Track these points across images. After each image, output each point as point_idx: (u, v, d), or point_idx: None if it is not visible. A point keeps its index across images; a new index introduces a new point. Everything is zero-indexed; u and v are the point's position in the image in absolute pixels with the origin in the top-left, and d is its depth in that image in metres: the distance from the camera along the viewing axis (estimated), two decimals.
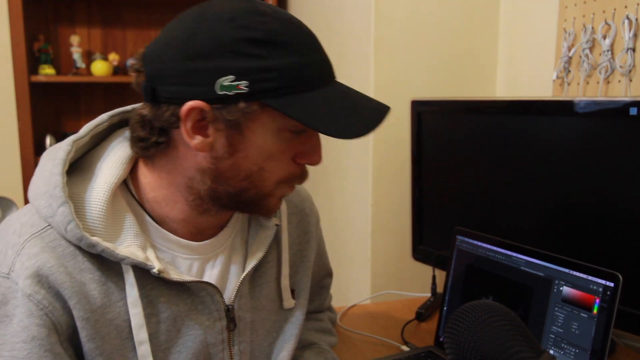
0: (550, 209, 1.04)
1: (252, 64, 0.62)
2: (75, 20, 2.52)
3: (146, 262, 0.68)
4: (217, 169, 0.68)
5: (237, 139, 0.66)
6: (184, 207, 0.72)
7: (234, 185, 0.69)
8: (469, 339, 0.62)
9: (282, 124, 0.66)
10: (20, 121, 2.19)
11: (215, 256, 0.78)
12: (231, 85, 0.62)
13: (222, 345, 0.77)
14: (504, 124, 1.12)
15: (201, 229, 0.76)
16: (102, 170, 0.70)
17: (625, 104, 0.89)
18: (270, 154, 0.68)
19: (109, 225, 0.68)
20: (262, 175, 0.69)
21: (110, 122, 0.75)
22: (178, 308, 0.73)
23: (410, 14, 1.44)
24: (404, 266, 1.50)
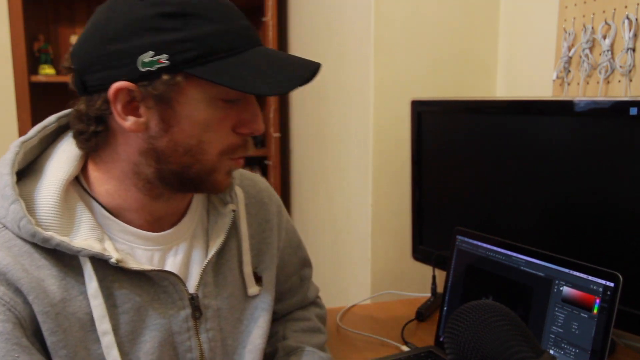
0: (550, 209, 1.04)
1: (169, 37, 0.64)
2: (75, 20, 2.52)
3: (103, 253, 0.68)
4: (156, 148, 0.69)
5: (169, 114, 0.67)
6: (137, 195, 0.73)
7: (177, 162, 0.69)
8: (469, 339, 0.62)
9: (211, 92, 0.67)
10: (20, 121, 2.19)
11: (176, 246, 0.78)
12: (152, 60, 0.64)
13: (187, 333, 0.77)
14: (504, 124, 1.12)
15: (158, 218, 0.76)
16: (50, 169, 0.71)
17: (625, 104, 0.89)
18: (206, 125, 0.68)
19: (63, 220, 0.68)
20: (202, 147, 0.69)
21: (58, 123, 0.76)
22: (141, 298, 0.73)
23: (410, 14, 1.44)
24: (404, 266, 1.50)
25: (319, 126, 1.92)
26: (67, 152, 0.73)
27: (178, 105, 0.67)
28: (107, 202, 0.73)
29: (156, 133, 0.68)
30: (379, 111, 1.45)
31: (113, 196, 0.73)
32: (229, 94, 0.68)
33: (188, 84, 0.66)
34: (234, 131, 0.71)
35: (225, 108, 0.69)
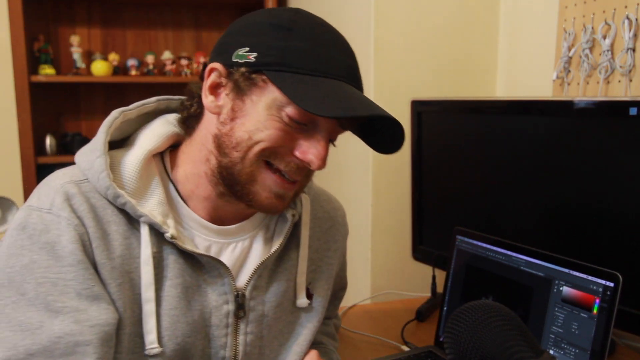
0: (550, 209, 1.04)
1: (266, 41, 0.70)
2: (75, 20, 2.52)
3: (162, 225, 0.72)
4: (220, 134, 0.73)
5: (238, 106, 0.72)
6: (206, 184, 0.76)
7: (228, 155, 0.72)
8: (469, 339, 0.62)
9: (279, 102, 0.70)
10: (20, 121, 2.19)
11: (235, 242, 0.80)
12: (244, 54, 0.70)
13: (226, 329, 0.78)
14: (504, 124, 1.12)
15: (221, 215, 0.79)
16: (140, 140, 0.77)
17: (625, 104, 0.89)
18: (263, 127, 0.70)
19: (137, 186, 0.73)
20: (249, 144, 0.71)
21: (157, 105, 0.81)
22: (190, 279, 0.75)
23: (410, 14, 1.44)
24: (404, 266, 1.50)
25: None
26: (158, 129, 0.79)
27: (249, 101, 0.71)
28: (181, 185, 0.78)
29: (224, 119, 0.73)
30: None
31: (188, 179, 0.77)
32: (296, 113, 0.69)
33: (264, 86, 0.70)
34: (291, 150, 0.72)
35: (290, 126, 0.70)
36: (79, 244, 0.68)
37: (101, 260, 0.70)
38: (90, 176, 0.72)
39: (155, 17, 2.60)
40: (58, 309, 0.67)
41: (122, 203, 0.71)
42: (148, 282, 0.72)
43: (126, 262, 0.72)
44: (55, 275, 0.67)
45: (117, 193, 0.71)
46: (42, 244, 0.68)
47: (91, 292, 0.68)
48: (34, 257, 0.68)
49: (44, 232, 0.68)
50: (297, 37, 0.70)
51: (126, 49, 2.58)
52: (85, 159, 0.74)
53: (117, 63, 2.46)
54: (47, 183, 0.73)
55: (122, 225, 0.72)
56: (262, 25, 0.71)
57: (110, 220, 0.72)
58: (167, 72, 2.48)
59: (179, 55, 2.56)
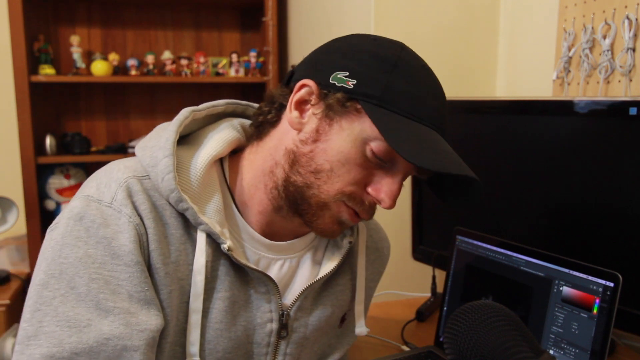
0: (550, 208, 1.04)
1: (369, 72, 0.68)
2: (75, 20, 2.52)
3: (220, 236, 0.70)
4: (297, 152, 0.71)
5: (324, 129, 0.70)
6: (262, 197, 0.74)
7: (303, 175, 0.70)
8: (469, 339, 0.62)
9: (367, 135, 0.68)
10: (20, 121, 2.19)
11: (284, 260, 0.78)
12: (342, 78, 0.69)
13: (267, 348, 0.77)
14: (504, 124, 1.12)
15: (274, 230, 0.77)
16: (207, 144, 0.74)
17: (625, 104, 0.89)
18: (345, 160, 0.69)
19: (199, 192, 0.71)
20: (329, 176, 0.70)
21: (225, 107, 0.80)
22: (239, 293, 0.74)
23: (410, 15, 1.44)
24: (404, 266, 1.50)
25: None
26: (224, 132, 0.76)
27: (337, 127, 0.69)
28: (238, 193, 0.76)
29: (305, 138, 0.70)
30: None
31: (244, 189, 0.76)
32: (380, 149, 0.68)
33: (356, 115, 0.68)
34: (364, 186, 0.71)
35: (370, 161, 0.69)
36: (138, 245, 0.66)
37: (157, 265, 0.67)
38: (153, 174, 0.69)
39: (155, 17, 2.60)
40: (109, 308, 0.64)
41: (184, 209, 0.69)
42: (198, 292, 0.70)
43: (179, 268, 0.70)
44: (109, 272, 0.65)
45: (180, 197, 0.68)
46: (100, 238, 0.65)
47: (144, 295, 0.66)
48: (89, 251, 0.65)
49: (102, 225, 0.66)
50: (401, 76, 0.68)
51: (126, 49, 2.58)
52: (150, 155, 0.71)
53: (117, 63, 2.46)
54: (107, 174, 0.70)
55: (180, 229, 0.70)
56: (367, 54, 0.69)
57: (168, 222, 0.69)
58: (167, 72, 2.48)
59: (179, 55, 2.56)
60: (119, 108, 2.60)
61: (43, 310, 0.64)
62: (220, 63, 2.56)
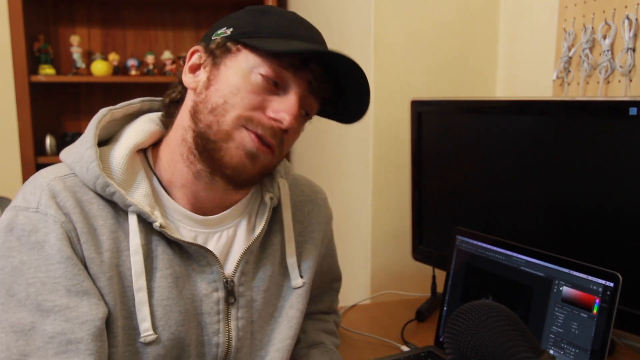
0: (550, 208, 1.04)
1: (242, 19, 0.77)
2: (75, 20, 2.52)
3: (150, 215, 0.73)
4: (195, 104, 0.76)
5: (214, 75, 0.75)
6: (182, 167, 0.77)
7: (204, 121, 0.74)
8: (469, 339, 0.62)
9: (252, 63, 0.74)
10: (20, 121, 2.19)
11: (220, 232, 0.81)
12: (221, 32, 0.76)
13: (217, 316, 0.80)
14: (504, 124, 1.12)
15: (203, 204, 0.80)
16: (125, 136, 0.78)
17: (625, 104, 0.89)
18: (237, 89, 0.73)
19: (125, 178, 0.74)
20: (225, 108, 0.73)
21: (141, 105, 0.84)
22: (180, 269, 0.77)
23: (410, 14, 1.44)
24: (404, 266, 1.50)
25: (319, 126, 1.91)
26: (141, 125, 0.80)
27: (224, 68, 0.75)
28: (163, 176, 0.79)
29: (200, 90, 0.76)
30: (379, 111, 1.45)
31: (166, 168, 0.79)
32: (269, 71, 0.73)
33: (237, 52, 0.75)
34: (263, 112, 0.74)
35: (261, 86, 0.74)
36: (67, 241, 0.69)
37: (90, 255, 0.70)
38: (78, 168, 0.73)
39: (155, 17, 2.60)
40: (49, 308, 0.67)
41: (112, 192, 0.72)
42: (139, 272, 0.73)
43: (114, 255, 0.72)
44: (45, 274, 0.68)
45: (106, 182, 0.71)
46: (32, 244, 0.68)
47: (80, 287, 0.69)
48: (23, 259, 0.68)
49: (32, 232, 0.69)
50: (270, 16, 0.76)
51: (126, 49, 2.58)
52: (73, 152, 0.75)
53: (117, 63, 2.46)
54: (32, 182, 0.74)
55: (109, 219, 0.73)
56: (239, 13, 0.78)
57: (96, 214, 0.72)
58: (167, 72, 2.48)
59: (179, 55, 2.56)
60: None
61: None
62: None
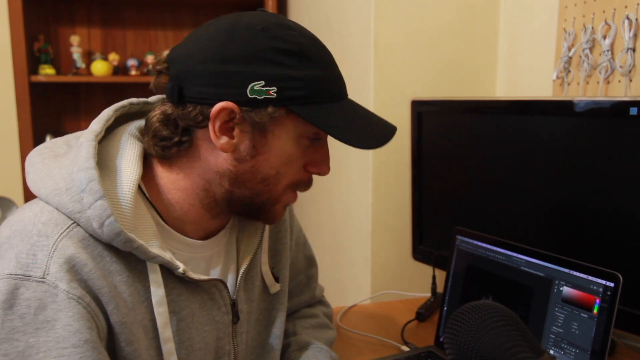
0: (550, 208, 1.04)
1: (281, 72, 0.66)
2: (75, 20, 2.52)
3: (172, 262, 0.69)
4: (237, 171, 0.70)
5: (261, 142, 0.69)
6: (199, 210, 0.74)
7: (250, 188, 0.71)
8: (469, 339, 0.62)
9: (302, 130, 0.70)
10: (20, 121, 2.19)
11: (216, 254, 0.80)
12: (261, 90, 0.66)
13: (228, 338, 0.80)
14: (504, 124, 1.12)
15: (208, 232, 0.78)
16: (124, 168, 0.68)
17: (625, 104, 0.89)
18: (289, 159, 0.71)
19: (135, 223, 0.66)
20: (277, 179, 0.71)
21: (115, 116, 0.75)
22: (195, 306, 0.74)
23: (410, 14, 1.44)
24: (404, 266, 1.50)
25: None
26: (132, 150, 0.71)
27: (272, 136, 0.69)
28: (166, 211, 0.72)
29: (243, 157, 0.69)
30: (379, 111, 1.44)
31: (174, 207, 0.72)
32: (315, 134, 0.72)
33: (287, 119, 0.69)
34: (304, 168, 0.74)
35: (306, 147, 0.72)
36: (85, 319, 0.60)
37: (122, 320, 0.64)
38: (84, 221, 0.62)
39: (155, 17, 2.60)
40: None
41: (134, 247, 0.64)
42: (164, 322, 0.69)
43: (136, 312, 0.67)
44: (56, 359, 0.59)
45: (129, 238, 0.63)
46: (39, 324, 0.59)
47: None
48: (30, 341, 0.59)
49: (39, 309, 0.59)
50: (309, 63, 0.68)
51: (126, 49, 2.58)
52: (69, 200, 0.63)
53: (117, 63, 2.46)
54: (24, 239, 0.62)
55: (124, 272, 0.66)
56: (269, 51, 0.66)
57: (112, 270, 0.65)
58: None
59: None
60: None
61: None
62: None
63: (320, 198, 1.93)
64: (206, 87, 0.66)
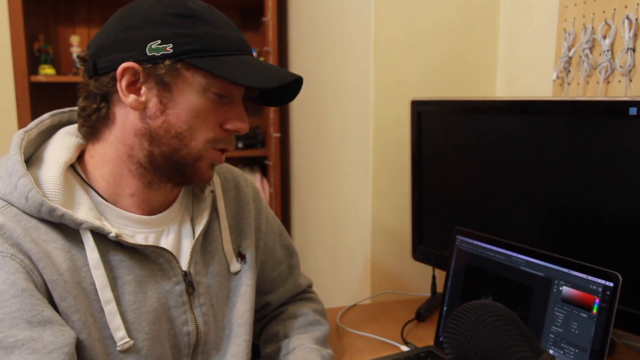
0: (550, 208, 1.04)
1: (176, 31, 0.73)
2: (75, 20, 2.52)
3: (103, 227, 0.74)
4: (151, 128, 0.75)
5: (167, 97, 0.75)
6: (131, 180, 0.79)
7: (167, 144, 0.76)
8: (469, 339, 0.62)
9: (205, 84, 0.75)
10: (20, 121, 2.19)
11: (167, 228, 0.84)
12: (158, 47, 0.73)
13: (183, 307, 0.83)
14: (504, 124, 1.12)
15: (151, 205, 0.82)
16: (50, 155, 0.77)
17: (625, 104, 0.89)
18: (198, 113, 0.75)
19: (65, 197, 0.74)
20: (191, 133, 0.76)
21: (51, 120, 0.83)
22: (141, 272, 0.79)
23: (410, 14, 1.44)
24: (404, 266, 1.50)
25: (319, 126, 1.92)
26: (63, 142, 0.79)
27: (176, 91, 0.75)
28: (102, 188, 0.79)
29: (153, 113, 0.75)
30: (379, 111, 1.45)
31: (108, 181, 0.79)
32: (219, 88, 0.76)
33: (187, 72, 0.74)
34: (221, 127, 0.79)
35: (215, 102, 0.77)
36: (20, 272, 0.67)
37: (52, 278, 0.70)
38: (15, 199, 0.71)
39: None
40: (11, 344, 0.66)
41: (60, 215, 0.71)
42: (103, 284, 0.74)
43: (74, 274, 0.73)
44: (1, 311, 0.66)
45: (52, 207, 0.70)
46: None
47: (41, 317, 0.67)
48: None
49: None
50: (203, 23, 0.74)
51: None
52: (3, 184, 0.72)
53: None
54: None
55: (60, 241, 0.72)
56: (164, 16, 0.74)
57: (46, 238, 0.72)
58: None
59: None
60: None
61: None
62: None
63: (320, 198, 1.93)
64: (112, 55, 0.74)
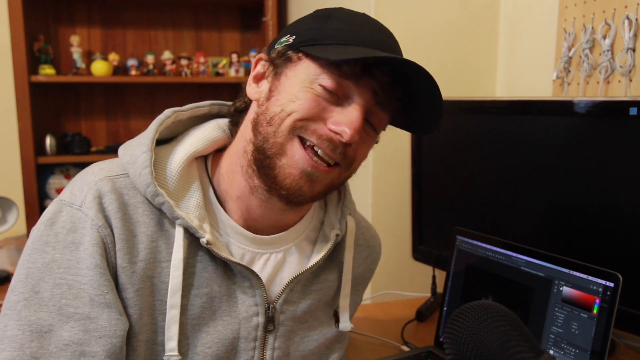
0: (550, 209, 1.04)
1: (306, 26, 0.73)
2: (75, 20, 2.52)
3: (198, 230, 0.70)
4: (257, 116, 0.73)
5: (275, 85, 0.72)
6: (240, 180, 0.74)
7: (262, 133, 0.71)
8: (469, 339, 0.62)
9: (313, 73, 0.69)
10: (20, 121, 2.19)
11: (269, 254, 0.78)
12: (284, 40, 0.73)
13: (254, 342, 0.76)
14: (504, 124, 1.12)
15: (256, 222, 0.76)
16: (187, 141, 0.76)
17: (625, 104, 0.89)
18: (295, 97, 0.69)
19: (177, 188, 0.72)
20: (281, 116, 0.69)
21: (210, 108, 0.81)
22: (220, 289, 0.73)
23: (410, 15, 1.44)
24: (404, 266, 1.50)
25: None
26: (204, 132, 0.77)
27: (285, 79, 0.72)
28: (219, 186, 0.77)
29: (262, 102, 0.73)
30: None
31: (224, 177, 0.76)
32: (328, 81, 0.69)
33: (298, 61, 0.71)
34: (324, 122, 0.70)
35: (322, 97, 0.69)
36: (100, 247, 0.66)
37: (123, 264, 0.68)
38: (131, 171, 0.70)
39: (155, 17, 2.60)
40: (70, 314, 0.65)
41: (160, 203, 0.69)
42: (175, 288, 0.70)
43: (149, 266, 0.69)
44: (73, 277, 0.66)
45: (156, 192, 0.69)
46: (68, 244, 0.67)
47: (104, 299, 0.66)
48: (56, 256, 0.66)
49: (71, 231, 0.67)
50: (335, 20, 0.72)
51: (126, 49, 2.58)
52: (129, 153, 0.72)
53: (117, 63, 2.46)
54: (82, 177, 0.71)
55: (151, 227, 0.70)
56: (305, 18, 0.75)
57: (139, 220, 0.70)
58: (167, 72, 2.48)
59: (179, 55, 2.56)
60: (119, 108, 2.60)
61: (8, 314, 0.65)
62: (220, 63, 2.56)
63: None
64: None
